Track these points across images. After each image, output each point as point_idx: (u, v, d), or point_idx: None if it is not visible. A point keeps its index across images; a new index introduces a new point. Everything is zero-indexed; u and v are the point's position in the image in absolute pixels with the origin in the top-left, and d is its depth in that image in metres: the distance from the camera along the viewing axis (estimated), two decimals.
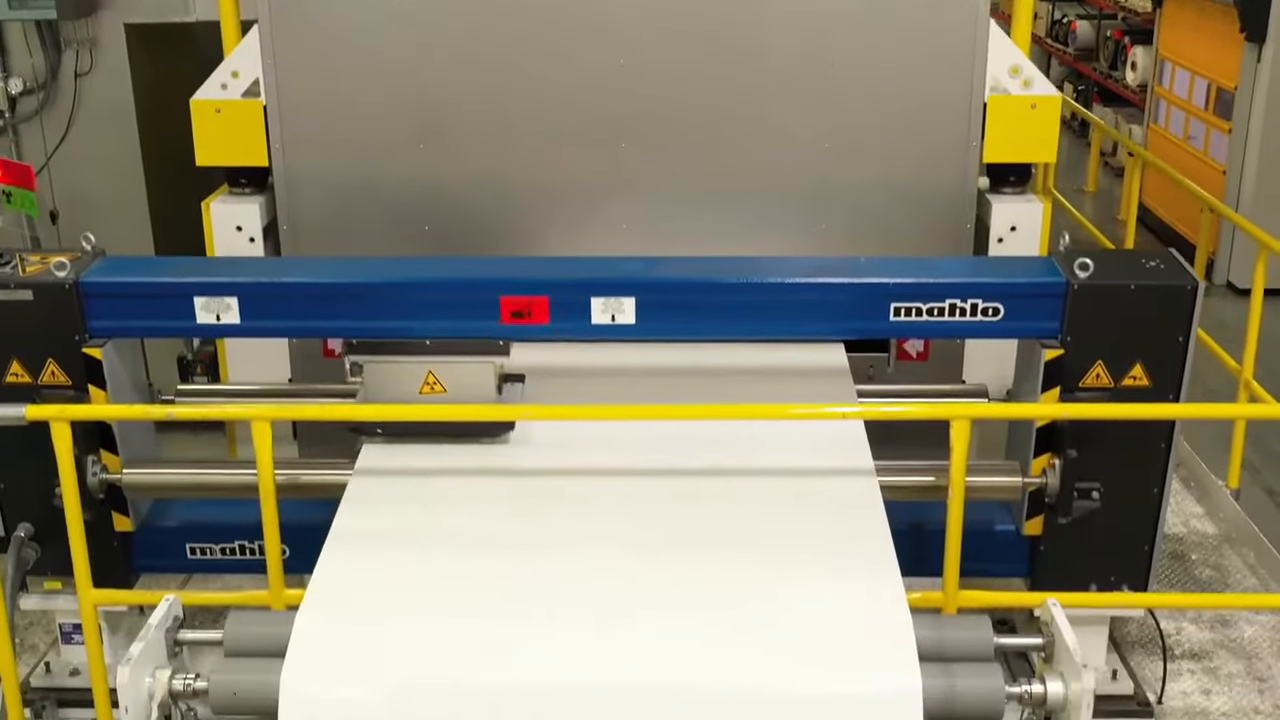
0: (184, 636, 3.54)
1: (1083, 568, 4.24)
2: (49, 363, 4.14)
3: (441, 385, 4.15)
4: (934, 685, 3.31)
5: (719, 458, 4.10)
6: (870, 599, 3.50)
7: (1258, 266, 5.50)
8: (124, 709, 3.28)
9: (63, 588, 4.41)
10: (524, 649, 3.39)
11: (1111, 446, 4.11)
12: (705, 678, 3.33)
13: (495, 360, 4.20)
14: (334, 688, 3.34)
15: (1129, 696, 4.43)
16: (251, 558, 4.42)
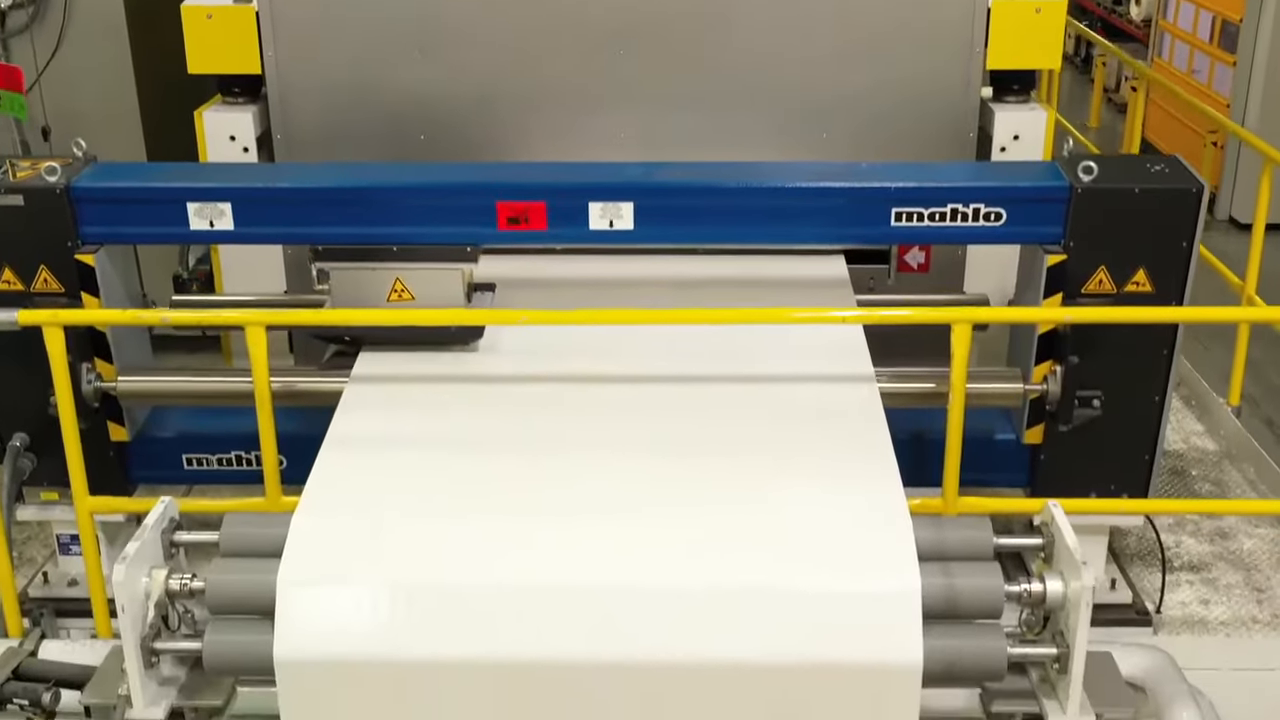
0: (180, 538, 3.53)
1: (1083, 477, 4.23)
2: (41, 270, 4.10)
3: (409, 292, 4.11)
4: (933, 584, 3.30)
5: (718, 365, 4.07)
6: (869, 499, 3.49)
7: (1262, 181, 5.44)
8: (120, 607, 3.27)
9: (59, 498, 4.40)
10: (519, 549, 3.38)
11: (1113, 354, 4.08)
12: (701, 578, 3.32)
13: (463, 267, 4.16)
14: (330, 586, 3.34)
15: (1128, 605, 4.43)
16: (248, 468, 4.40)
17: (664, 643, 3.26)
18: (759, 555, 3.35)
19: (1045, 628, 3.43)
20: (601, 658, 3.26)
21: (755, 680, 3.26)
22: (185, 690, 3.46)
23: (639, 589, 3.31)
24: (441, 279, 4.13)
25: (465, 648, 3.27)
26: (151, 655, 3.36)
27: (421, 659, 3.28)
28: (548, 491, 3.56)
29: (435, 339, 4.09)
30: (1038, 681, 3.44)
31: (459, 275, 4.13)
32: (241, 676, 3.52)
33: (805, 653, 3.25)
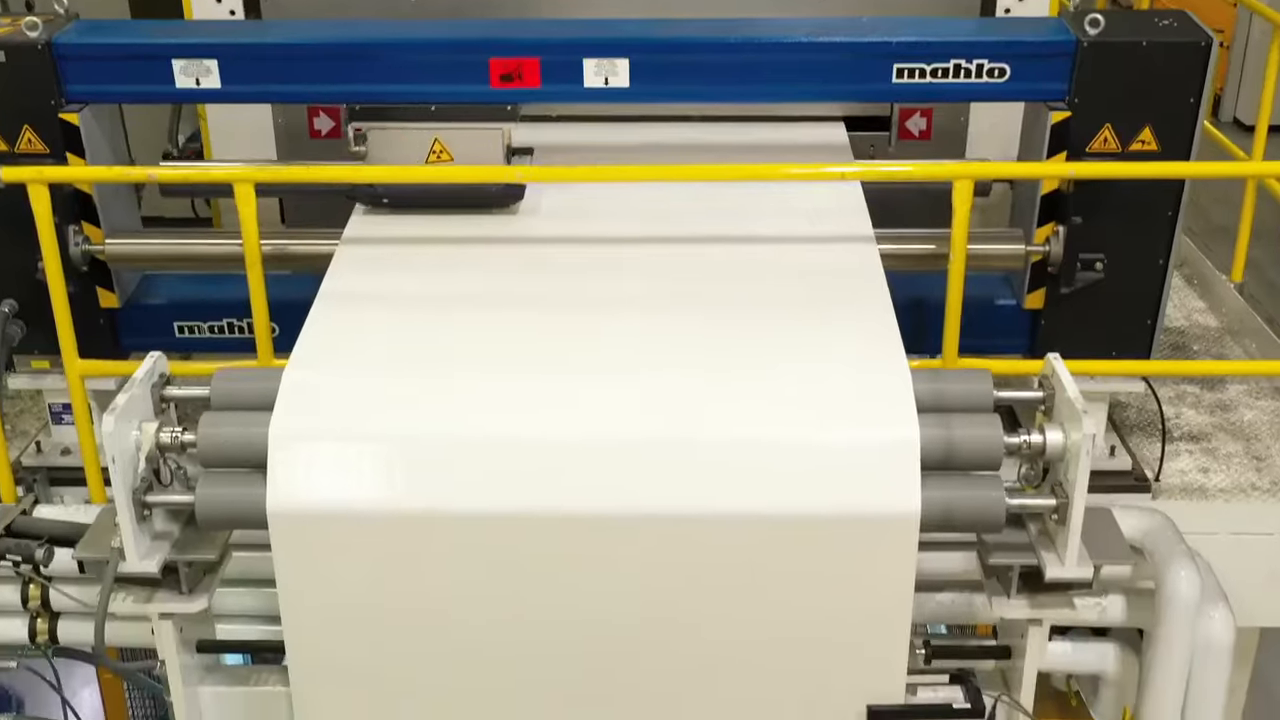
0: (170, 393, 3.49)
1: (1084, 342, 4.17)
2: (25, 130, 4.02)
3: (449, 153, 4.01)
4: (932, 435, 3.27)
5: (719, 226, 4.01)
6: (868, 352, 3.45)
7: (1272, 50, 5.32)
8: (110, 459, 3.24)
9: (51, 367, 4.36)
10: (514, 403, 3.34)
11: (1117, 215, 4.02)
12: (700, 430, 3.29)
13: (504, 127, 4.06)
14: (323, 439, 3.31)
15: (1126, 472, 4.41)
16: (240, 335, 4.35)
17: (662, 496, 3.23)
18: (757, 407, 3.31)
19: (1044, 481, 3.40)
20: (598, 511, 3.24)
21: (754, 532, 3.24)
22: (179, 545, 3.44)
23: (636, 442, 3.27)
24: (482, 139, 4.02)
25: (459, 501, 3.25)
26: (143, 509, 3.33)
27: (415, 511, 3.26)
28: (543, 347, 3.51)
29: (477, 202, 4.01)
30: (1036, 535, 3.42)
31: (499, 136, 4.03)
32: (234, 531, 3.52)
33: (804, 504, 3.22)
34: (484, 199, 4.00)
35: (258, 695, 3.72)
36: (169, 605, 3.46)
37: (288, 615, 3.38)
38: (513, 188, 4.00)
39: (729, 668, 3.40)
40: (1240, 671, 4.95)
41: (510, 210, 4.04)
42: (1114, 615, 4.02)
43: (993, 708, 3.57)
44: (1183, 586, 3.72)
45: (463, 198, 3.99)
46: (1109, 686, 4.17)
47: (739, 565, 3.27)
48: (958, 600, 4.02)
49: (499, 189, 3.99)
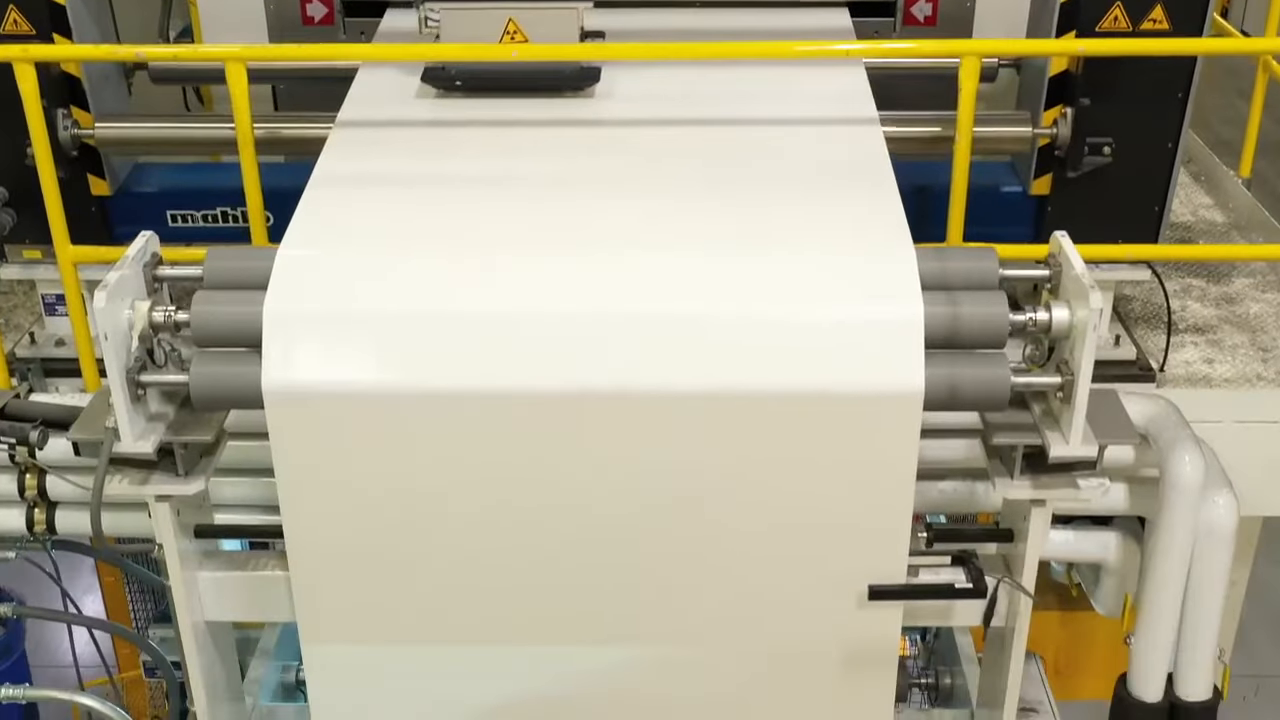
0: (163, 273, 3.43)
1: (1090, 229, 4.08)
2: (10, 9, 3.93)
3: (523, 33, 3.90)
4: (936, 312, 3.22)
5: (718, 109, 3.94)
6: (872, 230, 3.39)
7: None
8: (103, 335, 3.19)
9: (43, 257, 4.30)
10: (514, 278, 3.29)
11: (1126, 97, 3.95)
12: (703, 306, 3.24)
13: (578, 6, 3.94)
14: (318, 316, 3.26)
15: (1131, 362, 4.37)
16: (235, 225, 4.30)
17: (663, 373, 3.19)
18: (759, 284, 3.26)
19: (1049, 361, 3.36)
20: (597, 389, 3.20)
21: (756, 409, 3.20)
22: (174, 427, 3.40)
23: (637, 318, 3.23)
24: (557, 19, 3.91)
25: (457, 379, 3.21)
26: (137, 389, 3.29)
27: (413, 389, 3.22)
28: (546, 225, 3.45)
29: (550, 84, 3.93)
30: (1040, 415, 3.38)
31: (574, 15, 3.91)
32: (230, 415, 3.48)
33: (806, 381, 3.19)
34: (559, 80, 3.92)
35: (256, 579, 3.71)
36: (165, 487, 3.43)
37: (285, 496, 3.36)
38: (588, 70, 3.93)
39: (729, 548, 3.38)
40: (1240, 566, 4.95)
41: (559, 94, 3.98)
42: (1117, 503, 4.01)
43: (994, 589, 3.55)
44: (1187, 471, 3.69)
45: (536, 79, 3.91)
46: (1110, 575, 4.17)
47: (741, 444, 3.24)
48: (959, 488, 4.00)
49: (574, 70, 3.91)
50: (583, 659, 3.57)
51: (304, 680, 4.16)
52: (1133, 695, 3.99)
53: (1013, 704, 3.81)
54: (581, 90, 3.95)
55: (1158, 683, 3.97)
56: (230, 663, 4.01)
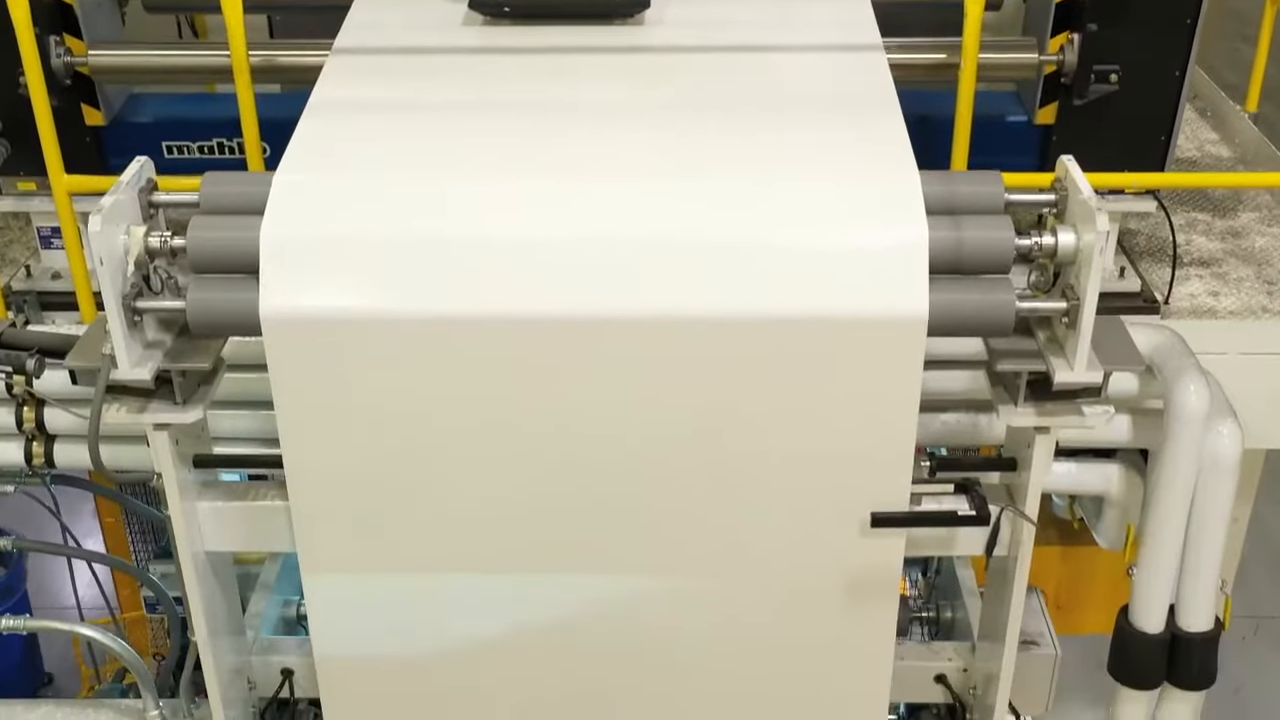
0: (158, 199, 3.39)
1: (1096, 158, 4.04)
2: None
3: None
4: (941, 237, 3.18)
5: (721, 36, 3.89)
6: (876, 154, 3.35)
7: None
8: (98, 260, 3.15)
9: (37, 189, 4.27)
10: (515, 203, 3.26)
11: (1134, 22, 3.90)
12: (706, 231, 3.20)
13: None
14: (317, 241, 3.22)
15: (1135, 294, 4.34)
16: (231, 156, 4.25)
17: (666, 298, 3.16)
18: (762, 208, 3.23)
19: (1054, 287, 3.33)
20: (600, 314, 3.17)
21: (758, 334, 3.17)
22: (172, 354, 3.37)
23: (640, 243, 3.19)
24: None
25: (456, 304, 3.18)
26: (134, 315, 3.26)
27: (412, 314, 3.19)
28: (549, 151, 3.41)
29: (600, 11, 3.88)
30: (1045, 342, 3.35)
31: None
32: (228, 343, 3.46)
33: (810, 306, 3.15)
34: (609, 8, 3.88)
35: (256, 510, 3.69)
36: (163, 415, 3.40)
37: (284, 423, 3.34)
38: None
39: (730, 476, 3.36)
40: (1242, 504, 4.95)
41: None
42: (1120, 434, 3.99)
43: (997, 518, 3.53)
44: (1192, 400, 3.67)
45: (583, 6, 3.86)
46: (1113, 508, 4.16)
47: (742, 370, 3.22)
48: (962, 421, 3.98)
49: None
50: (582, 588, 3.56)
51: (305, 615, 4.16)
52: (1134, 626, 3.99)
53: (1014, 635, 3.80)
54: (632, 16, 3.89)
55: (1159, 614, 3.97)
56: (231, 596, 4.00)
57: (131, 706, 4.02)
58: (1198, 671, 4.03)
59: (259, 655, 4.17)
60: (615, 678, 3.71)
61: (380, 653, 3.69)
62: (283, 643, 4.26)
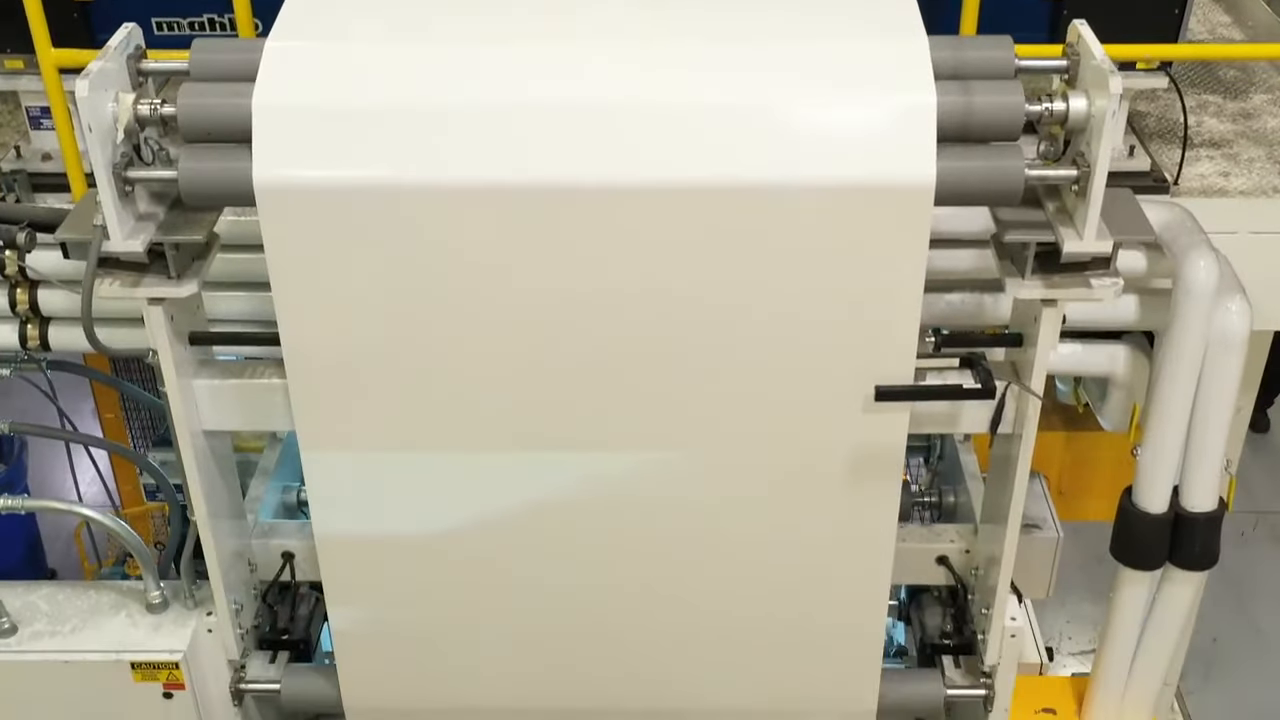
0: (147, 66, 3.32)
1: (1108, 30, 3.94)
2: None
3: None
4: (949, 102, 3.11)
5: None
6: (885, 21, 3.26)
7: None
8: (86, 128, 3.08)
9: (25, 67, 4.17)
10: (511, 69, 3.18)
11: None
12: (714, 95, 3.12)
13: None
14: (310, 108, 3.15)
15: (1145, 173, 4.26)
16: (222, 33, 4.15)
17: (671, 164, 3.09)
18: (767, 72, 3.15)
19: (1065, 156, 3.26)
20: (602, 180, 3.11)
21: (763, 202, 3.12)
22: (165, 227, 3.32)
23: (643, 107, 3.12)
24: None
25: (453, 171, 3.11)
26: (125, 185, 3.20)
27: (408, 183, 3.13)
28: (546, 17, 3.32)
29: None
30: (1054, 212, 3.29)
31: None
32: (220, 208, 3.40)
33: (815, 173, 3.09)
34: None
35: (253, 388, 3.66)
36: (157, 289, 3.36)
37: (280, 297, 3.29)
38: None
39: (735, 348, 3.32)
40: (1245, 394, 4.91)
41: None
42: (1127, 314, 3.93)
43: (1002, 393, 3.50)
44: (1201, 275, 3.60)
45: None
46: (1118, 389, 4.11)
47: (748, 239, 3.17)
48: (967, 300, 3.93)
49: None
50: (582, 464, 3.54)
51: (305, 501, 4.15)
52: (1138, 507, 3.96)
53: (1017, 514, 3.78)
54: None
55: (1163, 494, 3.94)
56: (230, 479, 3.98)
57: (133, 588, 4.02)
58: (1200, 552, 4.01)
59: (259, 539, 4.16)
60: (615, 554, 3.71)
61: (380, 531, 3.68)
62: (283, 526, 4.25)
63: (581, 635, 3.87)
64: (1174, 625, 4.22)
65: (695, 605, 3.80)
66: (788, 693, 3.98)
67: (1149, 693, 4.41)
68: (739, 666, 3.92)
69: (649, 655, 3.91)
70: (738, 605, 3.79)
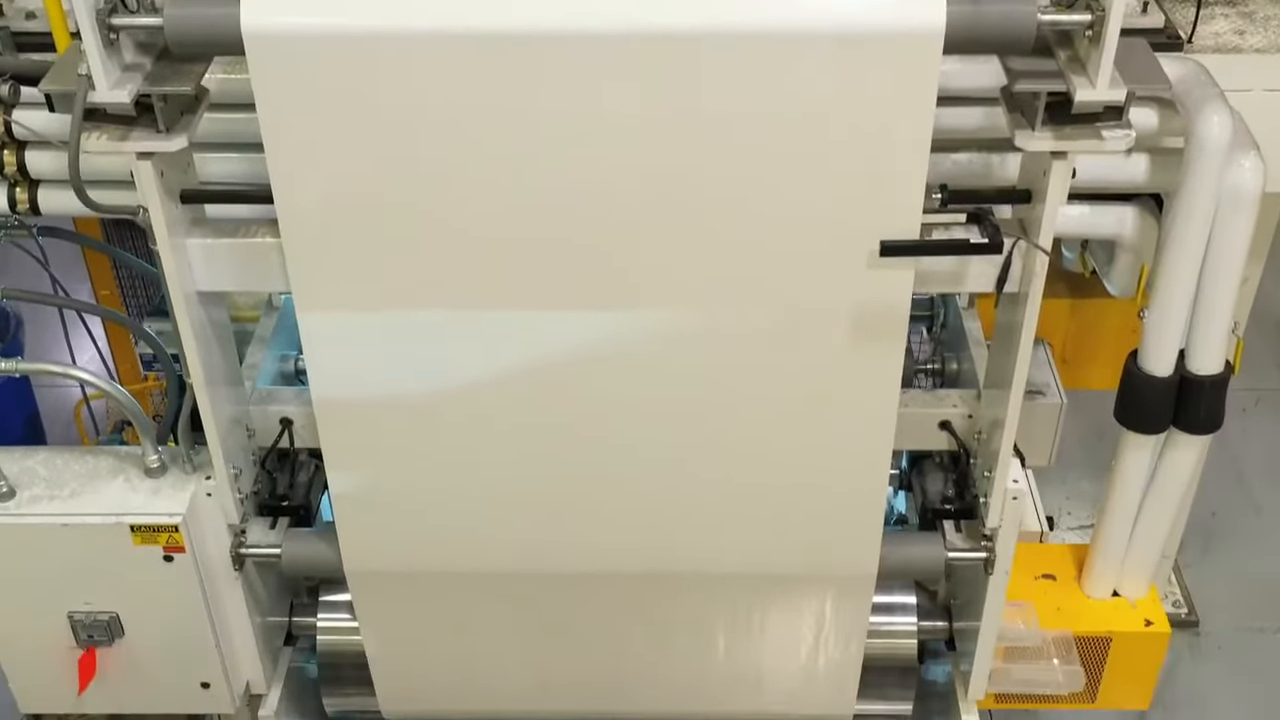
0: None
1: None
2: None
3: None
4: None
5: None
6: None
7: None
8: None
9: None
10: None
11: None
12: None
13: None
14: None
15: (1159, 30, 4.14)
16: None
17: (671, 9, 3.00)
18: None
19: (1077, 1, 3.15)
20: (603, 26, 3.02)
21: (765, 49, 3.03)
22: (152, 78, 3.23)
23: None
24: None
25: (453, 16, 3.02)
26: (110, 32, 3.10)
27: (403, 29, 3.03)
28: None
29: None
30: (1066, 61, 3.20)
31: None
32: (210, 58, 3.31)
33: (820, 18, 3.01)
34: None
35: (247, 247, 3.59)
36: (146, 143, 3.27)
37: (272, 151, 3.23)
38: None
39: (740, 201, 3.26)
40: (1254, 263, 4.86)
41: None
42: (1137, 174, 3.86)
43: (1010, 248, 3.44)
44: (1214, 130, 3.53)
45: None
46: (1126, 252, 4.06)
47: (749, 87, 3.09)
48: (975, 160, 3.84)
49: None
50: (583, 322, 3.49)
51: (303, 370, 4.12)
52: (1143, 370, 3.93)
53: (1022, 376, 3.74)
54: None
55: (1169, 357, 3.90)
56: (226, 344, 3.93)
57: (130, 453, 3.99)
58: (1205, 415, 3.99)
59: (256, 405, 4.13)
60: (614, 417, 3.68)
61: (378, 393, 3.65)
62: (281, 393, 4.22)
63: (581, 499, 3.86)
64: (1176, 490, 4.22)
65: (695, 468, 3.78)
66: (788, 556, 3.99)
67: (1149, 559, 4.42)
68: (739, 530, 3.92)
69: (647, 519, 3.90)
70: (738, 467, 3.77)
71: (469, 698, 4.44)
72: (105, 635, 4.01)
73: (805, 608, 4.15)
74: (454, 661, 4.33)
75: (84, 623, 3.98)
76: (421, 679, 4.37)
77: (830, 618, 4.16)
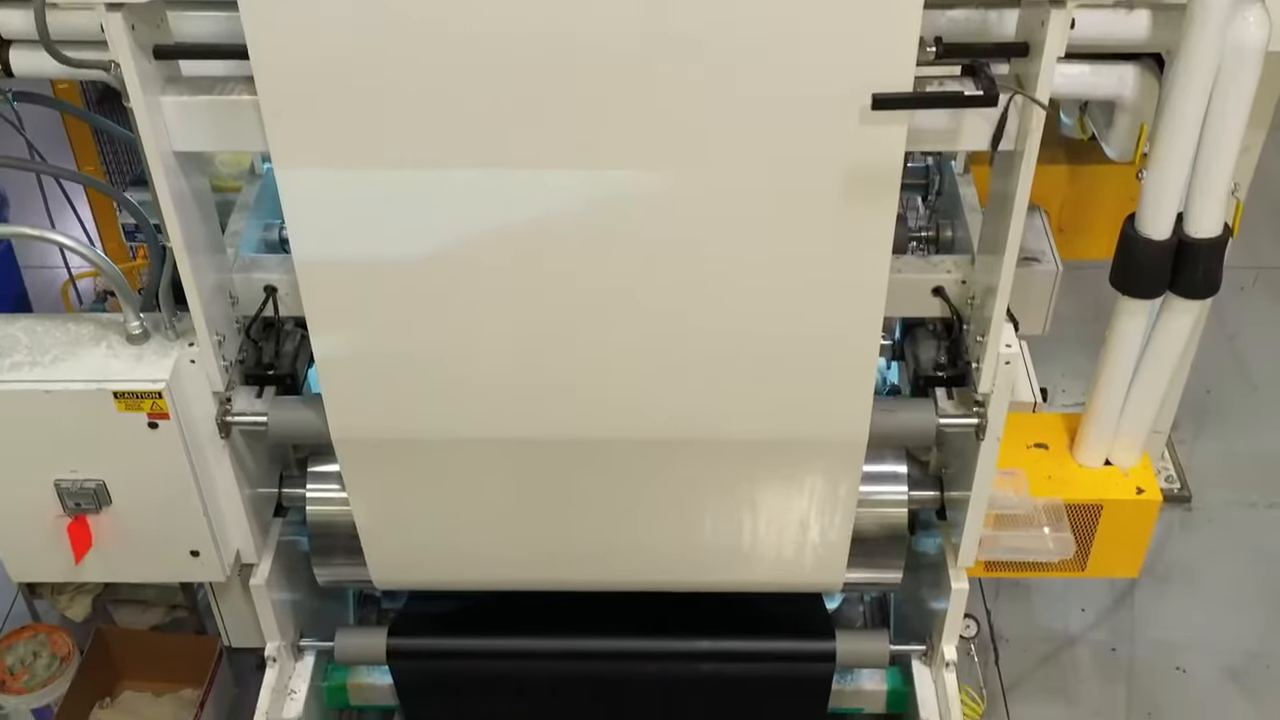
0: None
1: None
2: None
3: None
4: None
5: None
6: None
7: None
8: None
9: None
10: None
11: None
12: None
13: None
14: None
15: None
16: None
17: None
18: None
19: None
20: None
21: None
22: None
23: None
24: None
25: None
26: None
27: None
28: None
29: None
30: None
31: None
32: None
33: None
34: None
35: (224, 105, 3.50)
36: None
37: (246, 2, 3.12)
38: None
39: (728, 51, 3.17)
40: (1255, 131, 4.74)
41: None
42: (1139, 31, 3.74)
43: (1006, 103, 3.35)
44: None
45: None
46: (1126, 113, 3.95)
47: None
48: (971, 17, 3.72)
49: None
50: (570, 184, 3.41)
51: (286, 239, 4.05)
52: (1140, 233, 3.86)
53: (1016, 237, 3.68)
54: None
55: (1167, 220, 3.83)
56: (207, 210, 3.86)
57: (112, 320, 3.94)
58: (1202, 279, 3.93)
59: (240, 273, 4.07)
60: (603, 278, 3.62)
61: (361, 253, 3.58)
62: (265, 260, 4.15)
63: (568, 364, 3.82)
64: (1171, 356, 4.17)
65: (684, 332, 3.73)
66: (778, 421, 3.95)
67: (1142, 427, 4.39)
68: (729, 394, 3.88)
69: (636, 384, 3.86)
70: (728, 330, 3.72)
71: (459, 567, 4.45)
72: (93, 503, 3.99)
73: (795, 476, 4.13)
74: (444, 531, 4.32)
75: (71, 490, 3.96)
76: (411, 549, 4.38)
77: (821, 486, 4.15)
